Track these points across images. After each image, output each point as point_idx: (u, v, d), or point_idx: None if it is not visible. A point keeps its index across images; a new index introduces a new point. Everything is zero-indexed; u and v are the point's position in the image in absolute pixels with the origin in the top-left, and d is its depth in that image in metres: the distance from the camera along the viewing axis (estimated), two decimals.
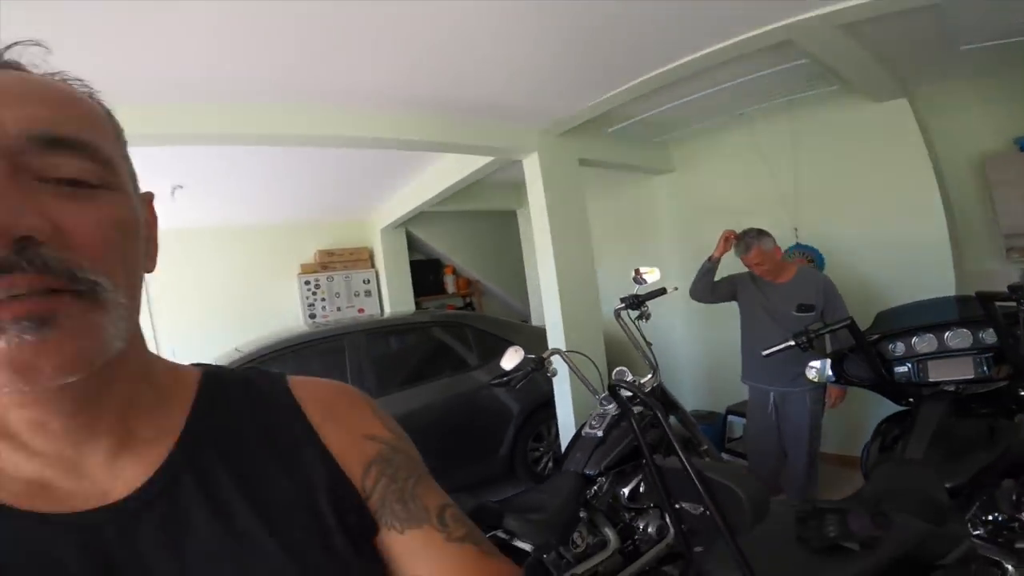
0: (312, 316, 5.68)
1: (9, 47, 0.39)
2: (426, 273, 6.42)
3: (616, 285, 3.05)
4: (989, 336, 1.73)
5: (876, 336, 1.95)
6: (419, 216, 5.18)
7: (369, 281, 6.04)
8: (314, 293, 5.77)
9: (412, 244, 6.05)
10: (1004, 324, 1.66)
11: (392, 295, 5.85)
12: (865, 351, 1.89)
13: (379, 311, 5.94)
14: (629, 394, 1.64)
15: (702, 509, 1.09)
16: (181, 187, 3.79)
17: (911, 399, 1.89)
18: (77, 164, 0.35)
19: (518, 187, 5.59)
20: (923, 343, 1.85)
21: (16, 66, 0.39)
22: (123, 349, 0.37)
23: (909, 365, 1.86)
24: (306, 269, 5.80)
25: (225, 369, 0.52)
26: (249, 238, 5.58)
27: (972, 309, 1.77)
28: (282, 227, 5.73)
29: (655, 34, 2.08)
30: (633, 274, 2.46)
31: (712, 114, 3.45)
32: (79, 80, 0.41)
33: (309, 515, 0.44)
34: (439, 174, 3.93)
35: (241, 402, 0.48)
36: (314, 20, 1.69)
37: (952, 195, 3.14)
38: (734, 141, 3.77)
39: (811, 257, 3.36)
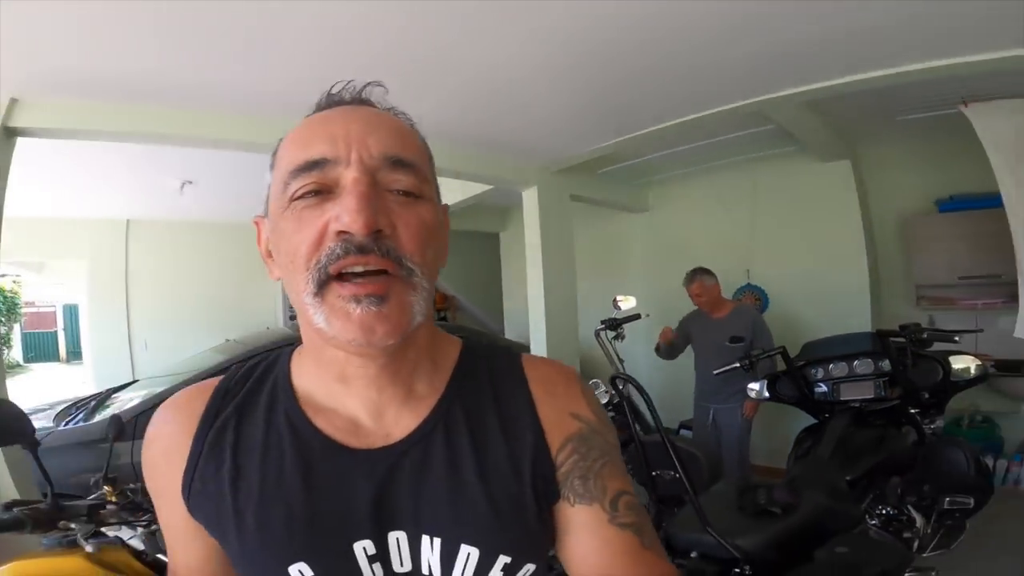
0: (292, 317, 5.84)
1: (365, 86, 0.52)
2: None
3: (592, 309, 3.47)
4: (886, 365, 2.22)
5: (803, 362, 2.43)
6: None
7: None
8: None
9: None
10: (896, 355, 2.16)
11: None
12: (792, 374, 2.38)
13: None
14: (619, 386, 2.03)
15: (672, 474, 1.48)
16: (190, 182, 3.98)
17: (826, 414, 2.36)
18: (409, 180, 0.46)
19: (504, 211, 6.01)
20: (837, 369, 2.33)
21: (368, 102, 0.52)
22: (421, 323, 0.48)
23: (826, 386, 2.34)
24: None
25: (476, 343, 0.59)
26: (239, 234, 5.68)
27: (876, 343, 2.28)
28: None
29: (653, 99, 2.51)
30: (613, 301, 2.89)
31: (686, 164, 3.97)
32: (404, 114, 0.53)
33: (514, 476, 0.50)
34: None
35: (484, 372, 0.55)
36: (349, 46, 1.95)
37: (879, 248, 3.74)
38: (702, 189, 4.30)
39: (758, 296, 3.90)
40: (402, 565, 0.49)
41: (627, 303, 2.89)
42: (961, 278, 3.37)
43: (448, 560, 0.49)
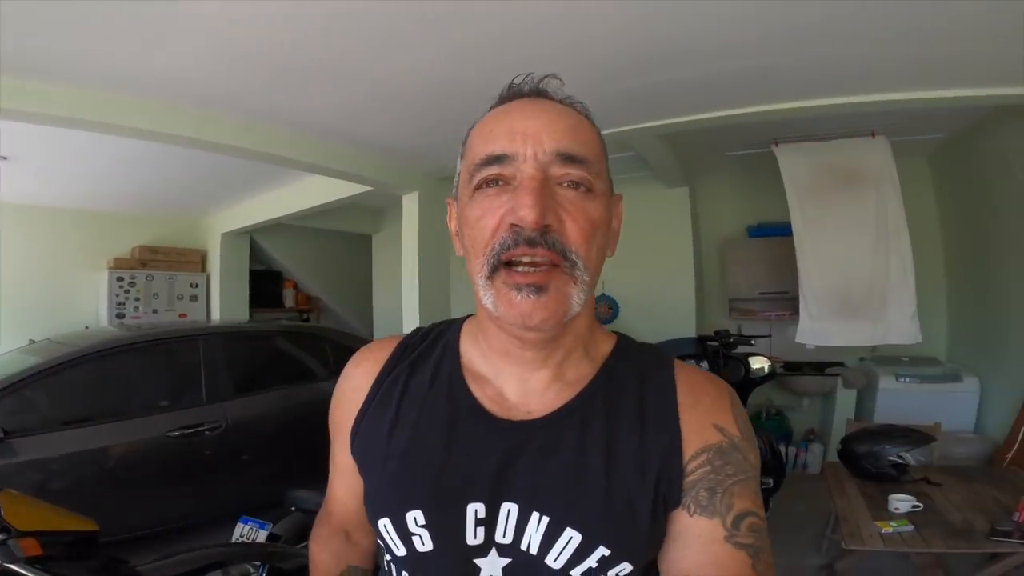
0: (120, 316, 5.11)
1: (543, 79, 0.54)
2: (265, 284, 6.22)
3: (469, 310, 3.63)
4: (705, 365, 2.72)
5: None
6: (269, 227, 5.15)
7: (197, 286, 5.65)
8: (127, 291, 5.21)
9: (253, 253, 5.87)
10: (712, 357, 2.67)
11: (224, 303, 5.56)
12: None
13: (205, 318, 5.60)
14: None
15: None
16: (6, 158, 3.35)
17: None
18: (580, 173, 0.49)
19: (377, 212, 5.92)
20: None
21: (544, 93, 0.53)
22: (579, 312, 0.51)
23: None
24: (120, 264, 5.22)
25: (630, 341, 0.61)
26: (60, 221, 4.89)
27: (697, 346, 2.77)
28: (99, 214, 5.13)
29: None
30: None
31: None
32: (581, 102, 0.55)
33: (638, 472, 0.50)
34: (307, 191, 4.11)
35: (634, 369, 0.56)
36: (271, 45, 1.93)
37: (704, 266, 4.45)
38: None
39: (611, 306, 4.41)
40: (504, 536, 0.51)
41: None
42: (761, 293, 4.17)
43: (549, 540, 0.50)
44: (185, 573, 1.30)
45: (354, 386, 0.61)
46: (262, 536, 1.53)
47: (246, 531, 1.54)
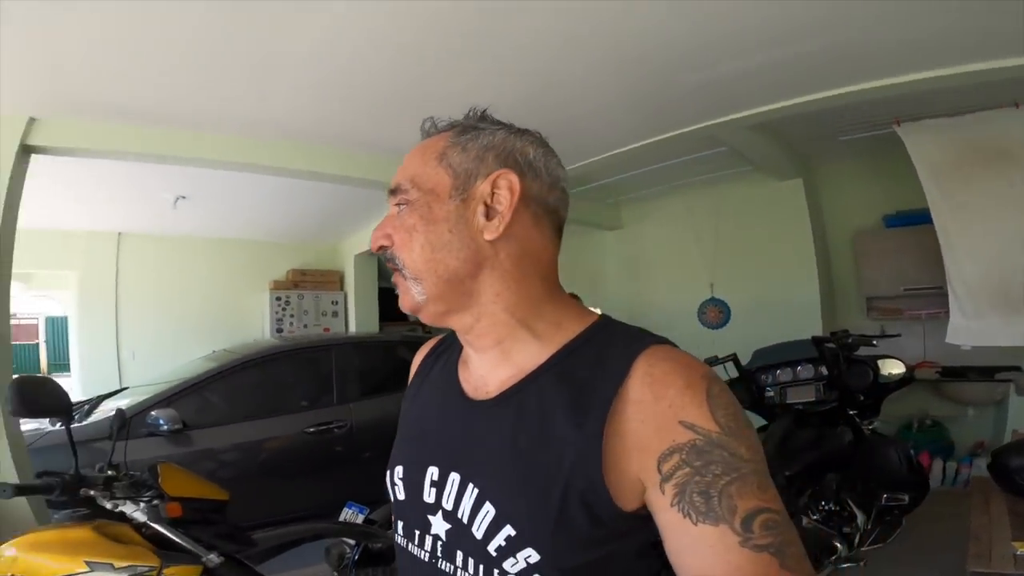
0: (279, 330, 5.98)
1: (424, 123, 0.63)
2: (392, 300, 6.78)
3: None
4: (825, 369, 2.44)
5: (755, 368, 2.64)
6: None
7: (337, 303, 6.42)
8: (284, 309, 6.08)
9: (381, 272, 6.50)
10: (831, 360, 2.39)
11: (359, 317, 6.23)
12: (744, 380, 2.59)
13: (344, 330, 6.31)
14: None
15: None
16: (184, 197, 4.16)
17: (775, 416, 2.56)
18: (397, 198, 0.59)
19: None
20: (783, 374, 2.55)
21: (426, 133, 0.63)
22: (423, 302, 0.58)
23: (773, 390, 2.56)
24: (278, 285, 6.12)
25: (613, 324, 0.59)
26: (229, 250, 5.90)
27: (822, 349, 2.48)
28: (260, 244, 6.08)
29: (612, 125, 2.75)
30: None
31: (656, 183, 4.22)
32: (447, 122, 0.62)
33: (555, 461, 0.51)
34: None
35: (594, 354, 0.55)
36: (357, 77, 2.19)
37: (833, 262, 3.99)
38: (672, 207, 4.56)
39: (721, 309, 4.15)
40: (447, 502, 0.57)
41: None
42: (906, 289, 3.63)
43: (474, 512, 0.54)
44: (292, 542, 1.53)
45: (415, 366, 0.75)
46: (360, 519, 1.73)
47: (348, 514, 1.76)
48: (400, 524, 0.64)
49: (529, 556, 0.50)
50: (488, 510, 0.53)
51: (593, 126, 2.75)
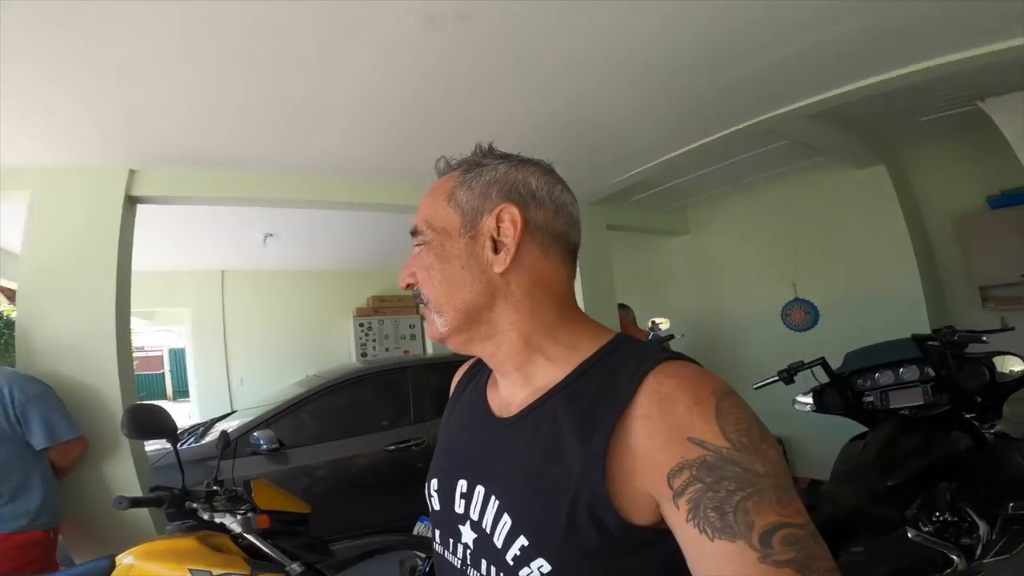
0: (364, 354, 6.32)
1: (437, 163, 0.68)
2: None
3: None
4: (931, 370, 2.20)
5: (849, 372, 2.42)
6: None
7: (414, 326, 6.70)
8: (367, 334, 6.44)
9: None
10: (937, 359, 2.14)
11: None
12: (836, 385, 2.38)
13: (422, 352, 6.56)
14: None
15: None
16: (272, 235, 4.54)
17: (877, 422, 2.33)
18: (417, 240, 0.64)
19: None
20: (883, 377, 2.31)
21: (439, 172, 0.67)
22: (446, 333, 0.63)
23: (874, 395, 2.33)
24: (360, 312, 6.49)
25: (626, 343, 0.60)
26: (315, 281, 6.37)
27: (926, 348, 2.24)
28: (342, 273, 6.52)
29: (658, 130, 2.68)
30: (650, 324, 3.03)
31: (722, 183, 4.05)
32: (460, 160, 0.66)
33: (564, 475, 0.53)
34: None
35: (602, 373, 0.56)
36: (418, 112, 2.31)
37: (935, 250, 3.60)
38: (741, 206, 4.34)
39: (807, 310, 3.86)
40: (473, 512, 0.61)
41: (664, 324, 3.05)
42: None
43: (495, 522, 0.57)
44: (367, 553, 1.61)
45: (453, 387, 0.80)
46: (431, 533, 1.79)
47: (421, 528, 1.83)
48: (437, 532, 0.69)
49: (541, 566, 0.53)
50: (506, 521, 0.56)
51: (641, 133, 2.70)
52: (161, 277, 5.54)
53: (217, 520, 1.51)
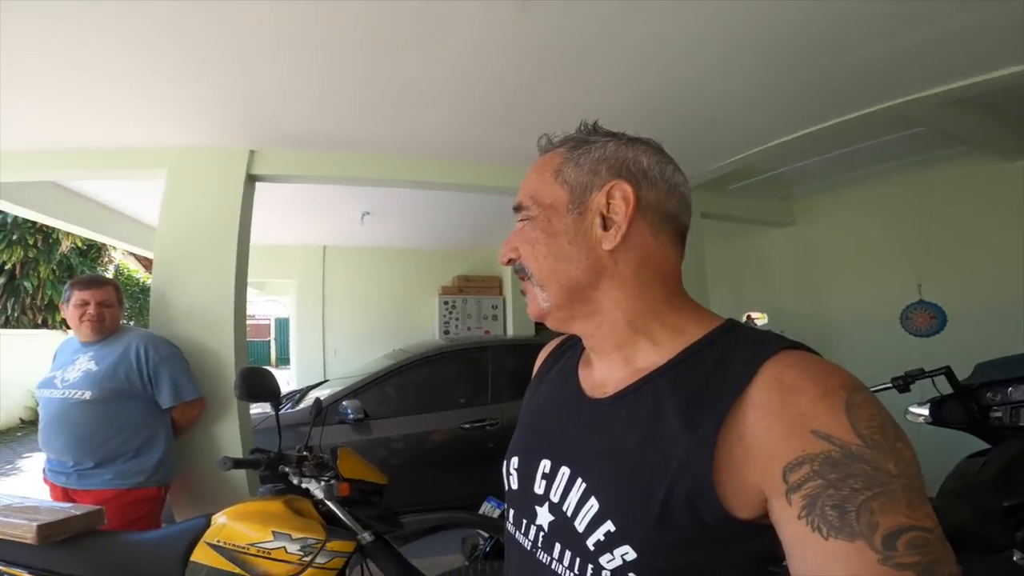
0: (446, 332, 6.54)
1: (539, 140, 0.67)
2: None
3: None
4: None
5: (979, 384, 2.13)
6: None
7: (497, 307, 6.80)
8: (450, 312, 6.65)
9: None
10: None
11: (516, 320, 6.52)
12: (961, 397, 2.10)
13: (503, 333, 6.66)
14: None
15: None
16: (369, 213, 4.78)
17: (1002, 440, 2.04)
18: (521, 215, 0.64)
19: None
20: (1018, 392, 2.01)
21: (542, 149, 0.66)
22: (548, 309, 0.62)
23: (1003, 410, 2.03)
24: (446, 291, 6.70)
25: (740, 329, 0.57)
26: (405, 258, 6.67)
27: None
28: (431, 252, 6.75)
29: (767, 112, 2.45)
30: (744, 318, 2.82)
31: (836, 172, 3.66)
32: (563, 137, 0.65)
33: (662, 461, 0.51)
34: None
35: (711, 358, 0.54)
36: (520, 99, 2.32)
37: None
38: (858, 198, 3.90)
39: (933, 314, 3.41)
40: (555, 494, 0.59)
41: (761, 320, 2.83)
42: None
43: (580, 505, 0.56)
44: (433, 528, 1.66)
45: (538, 364, 0.80)
46: (497, 514, 1.81)
47: (487, 508, 1.85)
48: (512, 512, 0.67)
49: (626, 553, 0.51)
50: (592, 505, 0.54)
51: (745, 117, 2.49)
52: (271, 250, 6.06)
53: (303, 485, 1.60)
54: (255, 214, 2.86)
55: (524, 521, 0.63)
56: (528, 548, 0.61)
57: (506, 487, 0.69)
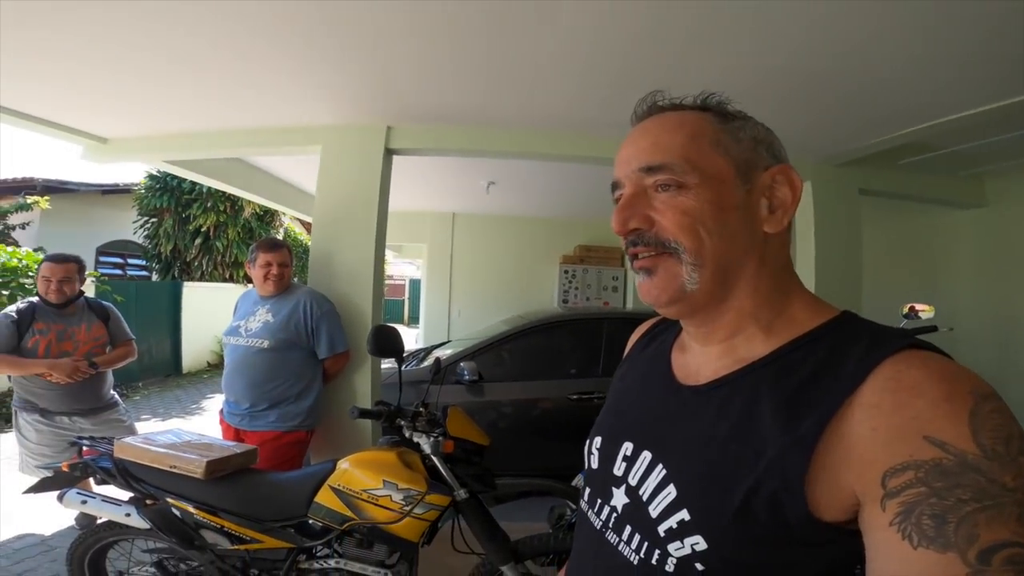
0: (565, 301, 6.60)
1: (642, 101, 0.62)
2: None
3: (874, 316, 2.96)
4: None
5: None
6: None
7: (617, 278, 6.69)
8: (570, 281, 6.68)
9: None
10: None
11: (636, 293, 6.34)
12: None
13: (622, 306, 6.55)
14: None
15: None
16: (494, 183, 4.93)
17: None
18: (664, 177, 0.56)
19: None
20: None
21: (653, 109, 0.61)
22: (696, 290, 0.55)
23: None
24: (566, 260, 6.73)
25: (859, 322, 0.54)
26: (528, 227, 6.80)
27: None
28: (554, 221, 6.80)
29: (958, 80, 2.05)
30: (906, 309, 2.48)
31: None
32: (699, 97, 0.60)
33: (751, 455, 0.49)
34: None
35: (821, 352, 0.51)
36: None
37: None
38: None
39: None
40: (633, 478, 0.58)
41: (927, 313, 2.49)
42: None
43: (657, 491, 0.55)
44: (525, 493, 1.73)
45: (630, 345, 0.79)
46: None
47: (580, 481, 1.88)
48: (587, 491, 0.67)
49: (696, 543, 0.50)
50: (669, 492, 0.54)
51: (920, 86, 2.11)
52: (407, 216, 6.56)
53: (414, 439, 1.73)
54: (392, 183, 3.11)
55: (599, 501, 0.63)
56: (598, 527, 0.61)
57: (586, 465, 0.69)
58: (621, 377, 0.74)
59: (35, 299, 2.49)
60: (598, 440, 0.67)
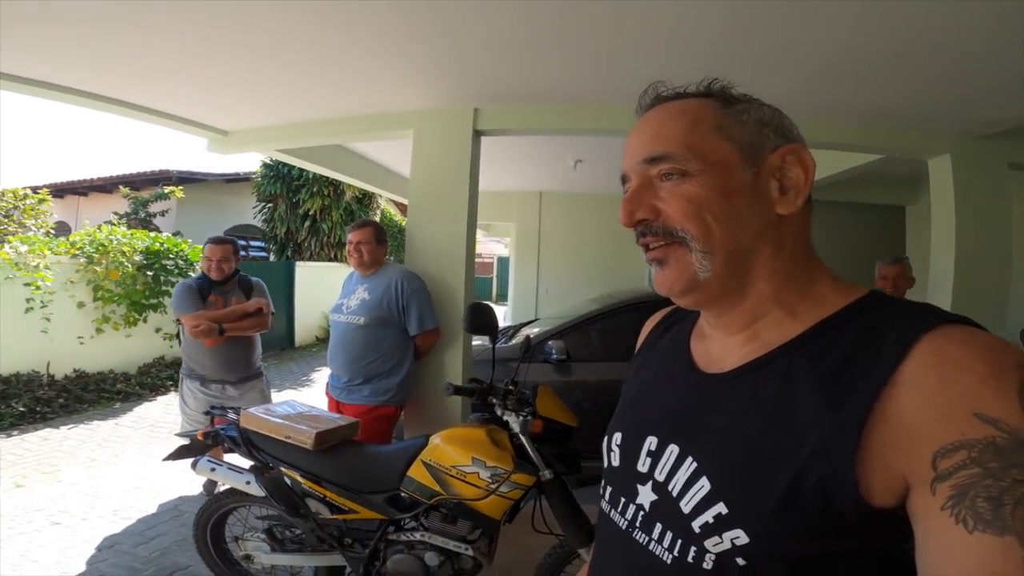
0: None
1: (646, 91, 0.61)
2: None
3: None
4: None
5: None
6: None
7: None
8: None
9: None
10: None
11: None
12: None
13: None
14: None
15: None
16: (581, 161, 4.83)
17: None
18: (667, 166, 0.55)
19: (913, 182, 4.96)
20: None
21: (657, 100, 0.60)
22: (706, 279, 0.54)
23: None
24: None
25: (890, 299, 0.52)
26: (616, 205, 6.41)
27: None
28: None
29: None
30: None
31: None
32: (700, 86, 0.59)
33: (791, 441, 0.47)
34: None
35: (856, 331, 0.49)
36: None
37: None
38: None
39: None
40: (660, 473, 0.56)
41: None
42: None
43: (688, 485, 0.52)
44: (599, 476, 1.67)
45: (640, 342, 0.76)
46: None
47: None
48: (608, 490, 0.64)
49: (736, 537, 0.48)
50: (703, 485, 0.51)
51: None
52: (496, 195, 6.63)
53: (504, 417, 1.73)
54: (481, 164, 3.14)
55: (622, 500, 0.60)
56: (624, 527, 0.58)
57: (605, 464, 0.66)
58: (637, 370, 0.71)
59: (198, 277, 2.89)
60: (618, 436, 0.64)
